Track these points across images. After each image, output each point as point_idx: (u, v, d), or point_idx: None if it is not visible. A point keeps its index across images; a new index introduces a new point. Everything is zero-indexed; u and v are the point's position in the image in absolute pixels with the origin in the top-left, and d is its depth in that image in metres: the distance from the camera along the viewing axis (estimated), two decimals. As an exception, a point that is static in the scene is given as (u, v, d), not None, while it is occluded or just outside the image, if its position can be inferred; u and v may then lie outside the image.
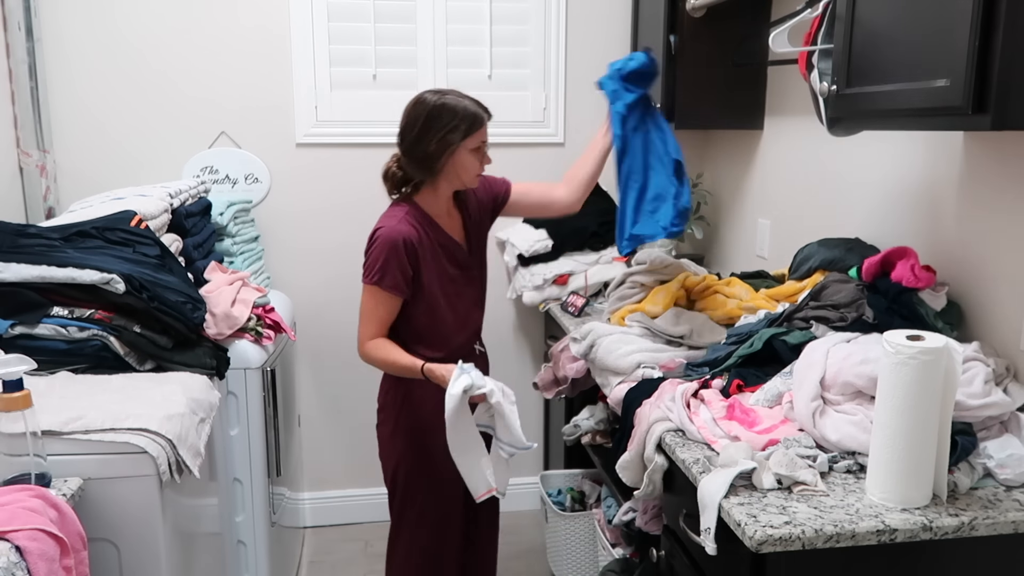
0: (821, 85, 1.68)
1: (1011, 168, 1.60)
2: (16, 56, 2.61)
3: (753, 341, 1.75)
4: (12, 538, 1.13)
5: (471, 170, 1.97)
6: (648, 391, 1.73)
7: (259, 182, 2.94)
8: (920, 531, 1.23)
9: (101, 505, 1.44)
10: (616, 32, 3.04)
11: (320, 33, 2.87)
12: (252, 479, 2.26)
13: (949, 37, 1.26)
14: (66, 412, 1.48)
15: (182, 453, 1.53)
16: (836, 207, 2.25)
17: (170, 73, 2.83)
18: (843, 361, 1.49)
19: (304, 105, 2.92)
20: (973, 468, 1.35)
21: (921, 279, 1.64)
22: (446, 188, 2.01)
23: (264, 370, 2.25)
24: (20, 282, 1.73)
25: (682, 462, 1.47)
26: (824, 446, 1.44)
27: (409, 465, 2.09)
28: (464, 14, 2.95)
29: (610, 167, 2.20)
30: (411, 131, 1.93)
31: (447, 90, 1.96)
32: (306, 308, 3.03)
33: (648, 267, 2.27)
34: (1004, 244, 1.62)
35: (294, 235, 3.00)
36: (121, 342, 1.75)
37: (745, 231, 2.83)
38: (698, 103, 2.63)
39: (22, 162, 2.69)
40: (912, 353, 1.23)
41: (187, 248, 2.30)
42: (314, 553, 3.02)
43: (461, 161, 1.94)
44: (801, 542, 1.20)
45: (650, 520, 1.90)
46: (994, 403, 1.40)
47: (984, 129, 1.24)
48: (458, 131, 1.90)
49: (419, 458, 2.08)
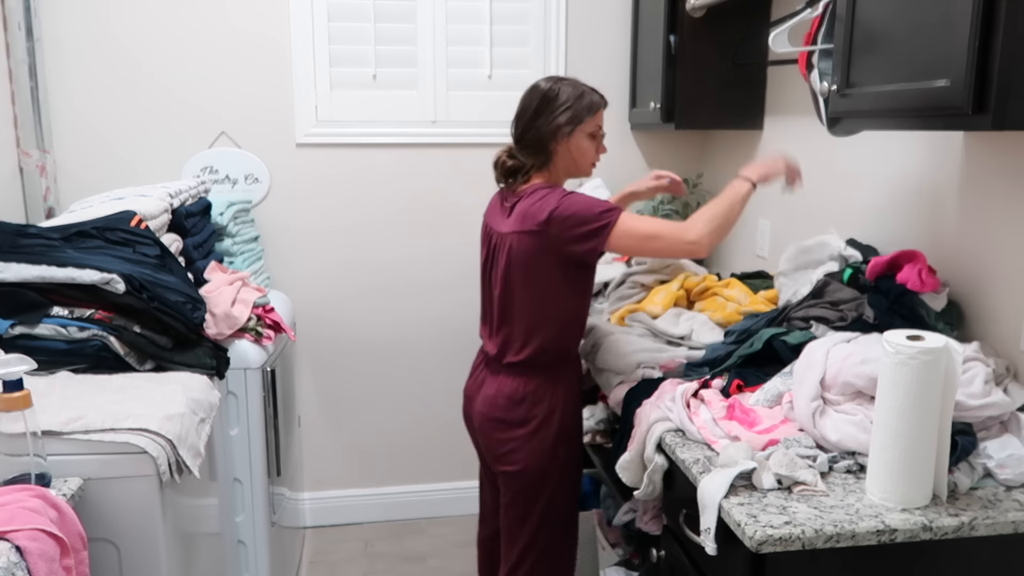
0: (821, 85, 1.69)
1: (1011, 168, 1.60)
2: (16, 56, 2.61)
3: (753, 341, 1.75)
4: (12, 538, 1.13)
5: (587, 155, 1.95)
6: (648, 391, 1.73)
7: (259, 182, 2.94)
8: (920, 531, 1.23)
9: (101, 505, 1.44)
10: (616, 32, 3.04)
11: (320, 33, 2.87)
12: (252, 479, 2.26)
13: (949, 37, 1.26)
14: (66, 412, 1.48)
15: (182, 453, 1.53)
16: (836, 207, 2.25)
17: (170, 74, 2.83)
18: (843, 361, 1.49)
19: (304, 105, 2.92)
20: (973, 468, 1.35)
21: (927, 284, 1.64)
22: (562, 176, 1.98)
23: (264, 370, 2.25)
24: (20, 282, 1.73)
25: (682, 462, 1.47)
26: (824, 446, 1.44)
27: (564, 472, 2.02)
28: (464, 14, 2.95)
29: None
30: (525, 115, 1.93)
31: (563, 77, 1.96)
32: (306, 308, 3.03)
33: (648, 267, 2.27)
34: (1004, 244, 1.62)
35: (294, 235, 3.00)
36: (121, 342, 1.75)
37: (745, 231, 2.83)
38: (698, 103, 2.63)
39: (22, 162, 2.68)
40: (912, 353, 1.23)
41: (187, 248, 2.30)
42: (314, 553, 3.02)
43: (577, 145, 1.92)
44: (801, 542, 1.20)
45: (650, 520, 1.90)
46: (994, 403, 1.40)
47: (984, 129, 1.24)
48: (572, 112, 1.89)
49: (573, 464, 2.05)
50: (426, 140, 2.99)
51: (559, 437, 1.98)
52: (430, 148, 2.99)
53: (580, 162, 1.95)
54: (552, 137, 1.90)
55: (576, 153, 1.93)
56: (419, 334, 3.13)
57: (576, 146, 1.92)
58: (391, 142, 2.99)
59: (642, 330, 2.10)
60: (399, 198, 3.03)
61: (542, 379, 1.96)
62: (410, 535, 3.13)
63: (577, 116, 1.90)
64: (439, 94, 2.99)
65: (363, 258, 3.05)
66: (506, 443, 1.99)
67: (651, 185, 2.25)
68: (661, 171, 2.25)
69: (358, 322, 3.09)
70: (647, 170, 3.14)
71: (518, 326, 1.95)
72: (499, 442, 2.00)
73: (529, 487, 2.00)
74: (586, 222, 1.80)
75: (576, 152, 1.93)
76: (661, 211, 2.98)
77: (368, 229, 3.04)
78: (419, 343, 3.14)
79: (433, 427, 3.20)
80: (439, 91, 2.98)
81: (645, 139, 3.14)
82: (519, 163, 1.96)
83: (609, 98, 1.99)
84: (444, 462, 3.22)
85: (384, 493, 3.23)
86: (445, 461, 3.22)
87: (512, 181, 1.99)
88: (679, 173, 3.09)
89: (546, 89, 1.91)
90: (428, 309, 3.12)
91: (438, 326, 3.13)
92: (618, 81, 3.06)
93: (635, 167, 3.14)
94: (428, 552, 2.98)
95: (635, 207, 3.08)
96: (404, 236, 3.06)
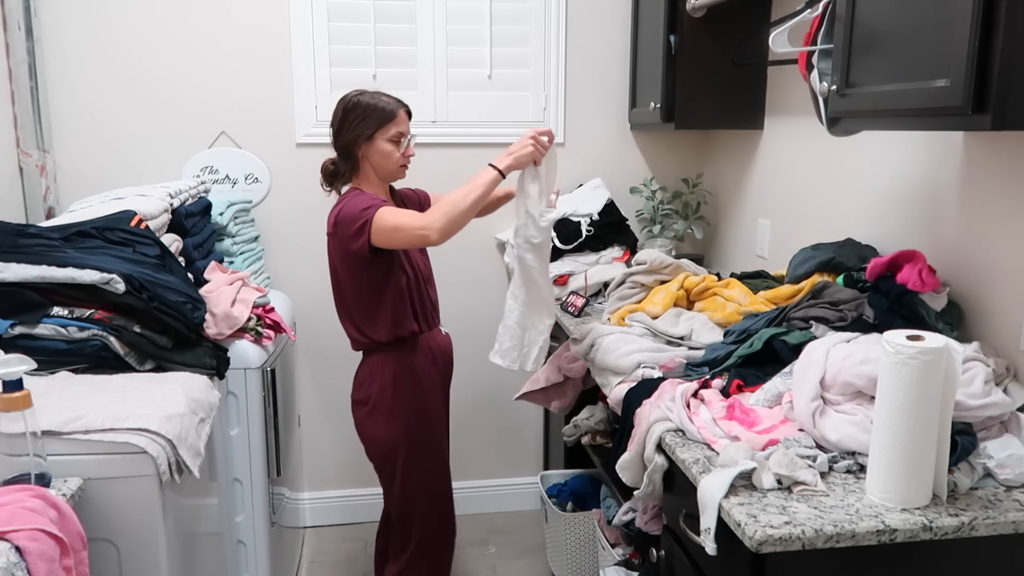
0: (821, 85, 1.68)
1: (1011, 168, 1.60)
2: (16, 56, 2.61)
3: (753, 341, 1.75)
4: (12, 538, 1.13)
5: (391, 158, 2.14)
6: (648, 391, 1.73)
7: (259, 182, 2.94)
8: (920, 531, 1.23)
9: (101, 505, 1.44)
10: (616, 32, 3.04)
11: (320, 33, 2.87)
12: (252, 479, 2.26)
13: (949, 37, 1.26)
14: (66, 412, 1.48)
15: (182, 453, 1.53)
16: (836, 207, 2.25)
17: (170, 73, 2.83)
18: (843, 361, 1.48)
19: (304, 105, 2.92)
20: (973, 468, 1.35)
21: (927, 284, 1.64)
22: (374, 179, 2.18)
23: (264, 370, 2.25)
24: (20, 282, 1.73)
25: (682, 462, 1.47)
26: (824, 446, 1.44)
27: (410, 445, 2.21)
28: (464, 14, 2.95)
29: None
30: (333, 126, 2.16)
31: (365, 90, 2.16)
32: (306, 308, 3.03)
33: (648, 267, 2.27)
34: (1004, 244, 1.62)
35: (294, 235, 3.00)
36: (121, 342, 1.75)
37: (745, 231, 2.83)
38: (698, 103, 2.63)
39: (22, 162, 2.68)
40: (912, 353, 1.23)
41: (187, 248, 2.30)
42: (314, 553, 3.02)
43: (379, 149, 2.12)
44: (801, 542, 1.20)
45: (650, 520, 1.90)
46: (994, 403, 1.40)
47: (984, 129, 1.24)
48: (369, 120, 2.10)
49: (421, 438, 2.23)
50: (426, 140, 2.99)
51: (393, 413, 2.19)
52: (430, 148, 2.99)
53: (386, 165, 2.15)
54: (354, 144, 2.13)
55: (380, 157, 2.14)
56: (419, 334, 3.13)
57: (378, 150, 2.13)
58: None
59: (642, 330, 2.10)
60: (399, 198, 3.03)
61: (373, 360, 2.21)
62: (410, 535, 3.12)
63: (375, 123, 2.10)
64: (439, 94, 2.99)
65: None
66: (359, 426, 2.27)
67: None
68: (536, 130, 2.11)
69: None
70: (647, 170, 3.14)
71: (345, 318, 2.22)
72: (357, 425, 2.28)
73: (384, 466, 2.26)
74: (354, 221, 2.01)
75: (380, 156, 2.14)
76: (662, 210, 2.98)
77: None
78: (419, 343, 3.14)
79: (433, 427, 3.20)
80: (439, 91, 2.98)
81: (645, 139, 3.14)
82: (337, 168, 2.20)
83: (609, 98, 1.98)
84: (444, 462, 3.22)
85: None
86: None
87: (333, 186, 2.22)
88: (679, 173, 3.12)
89: (346, 101, 2.13)
90: (428, 309, 3.12)
91: (438, 326, 3.13)
92: (618, 81, 3.06)
93: (635, 167, 3.14)
94: (428, 552, 2.97)
95: (636, 207, 3.09)
96: (404, 236, 3.06)
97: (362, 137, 2.11)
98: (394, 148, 2.13)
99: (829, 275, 1.93)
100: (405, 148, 2.16)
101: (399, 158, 2.15)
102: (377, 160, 2.14)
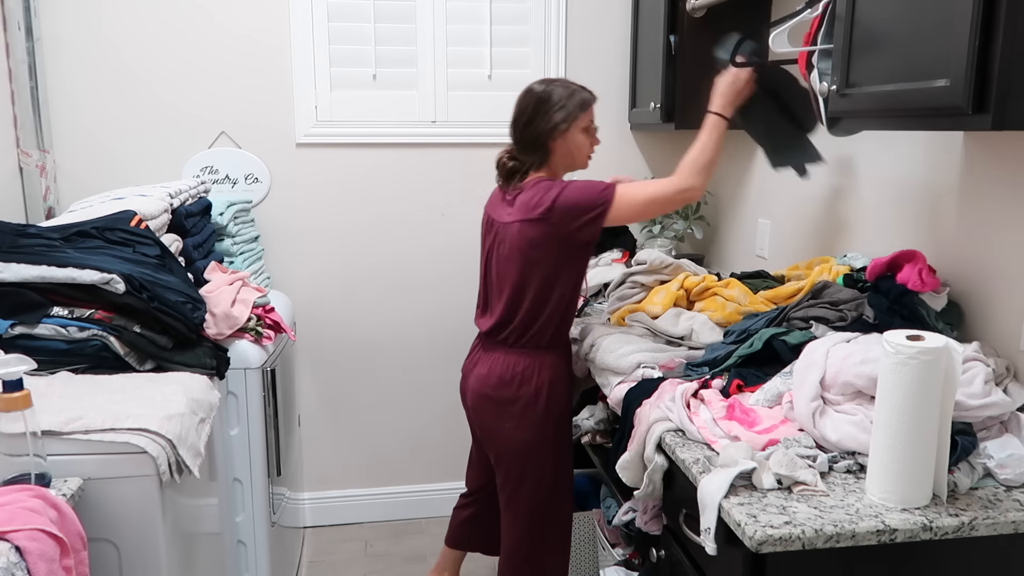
0: (821, 85, 1.68)
1: (1011, 168, 1.60)
2: (16, 56, 2.61)
3: (753, 341, 1.75)
4: (12, 538, 1.13)
5: (583, 149, 2.09)
6: (648, 391, 1.73)
7: (259, 182, 2.94)
8: (920, 531, 1.23)
9: (101, 505, 1.44)
10: (616, 32, 3.04)
11: (320, 33, 2.87)
12: (252, 479, 2.26)
13: (949, 37, 1.26)
14: (66, 412, 1.48)
15: (182, 453, 1.53)
16: (836, 207, 2.25)
17: (170, 73, 2.83)
18: (843, 361, 1.48)
19: (304, 105, 2.92)
20: (973, 468, 1.35)
21: (927, 284, 1.65)
22: (560, 171, 2.11)
23: (264, 370, 2.25)
24: (20, 282, 1.73)
25: (682, 462, 1.47)
26: (824, 446, 1.44)
27: (552, 452, 2.14)
28: (464, 14, 2.95)
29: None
30: (523, 117, 2.07)
31: (554, 79, 2.11)
32: (306, 308, 3.03)
33: (648, 267, 2.27)
34: (1004, 244, 1.63)
35: (294, 235, 3.00)
36: (121, 342, 1.75)
37: (745, 231, 2.83)
38: (698, 103, 2.61)
39: (22, 162, 2.68)
40: (912, 353, 1.23)
41: (187, 248, 2.30)
42: (314, 553, 3.02)
43: (573, 140, 2.06)
44: (801, 542, 1.20)
45: (650, 520, 1.89)
46: (994, 403, 1.40)
47: (984, 129, 1.24)
48: (566, 111, 2.03)
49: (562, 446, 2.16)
50: (426, 140, 3.00)
51: (546, 417, 2.10)
52: (430, 148, 2.99)
53: (577, 156, 2.10)
54: (550, 135, 2.05)
55: (573, 148, 2.07)
56: (419, 334, 3.13)
57: (572, 141, 2.07)
58: (391, 142, 2.99)
59: (642, 330, 2.10)
60: (399, 198, 3.03)
61: (531, 360, 2.10)
62: (410, 535, 3.13)
63: (571, 114, 2.04)
64: (439, 94, 2.99)
65: (363, 258, 3.05)
66: (495, 421, 2.12)
67: None
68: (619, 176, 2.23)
69: (358, 322, 3.09)
70: (647, 170, 3.14)
71: (519, 309, 2.07)
72: (489, 420, 2.14)
73: (517, 466, 2.12)
74: (588, 208, 1.94)
75: (573, 147, 2.07)
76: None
77: (368, 229, 3.04)
78: (419, 343, 3.14)
79: (433, 427, 3.20)
80: (439, 91, 2.98)
81: (645, 139, 3.14)
82: (519, 163, 2.09)
83: (609, 98, 2.02)
84: (444, 462, 3.22)
85: (384, 493, 3.23)
86: (445, 461, 3.22)
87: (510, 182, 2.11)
88: (679, 173, 3.12)
89: (540, 91, 2.06)
90: (429, 309, 3.12)
91: (438, 326, 3.13)
92: (618, 81, 3.06)
93: (635, 167, 3.14)
94: (428, 552, 2.97)
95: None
96: (404, 236, 3.06)
97: (559, 128, 2.04)
98: (586, 138, 2.09)
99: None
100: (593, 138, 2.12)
101: (589, 148, 2.11)
102: (569, 150, 2.08)
